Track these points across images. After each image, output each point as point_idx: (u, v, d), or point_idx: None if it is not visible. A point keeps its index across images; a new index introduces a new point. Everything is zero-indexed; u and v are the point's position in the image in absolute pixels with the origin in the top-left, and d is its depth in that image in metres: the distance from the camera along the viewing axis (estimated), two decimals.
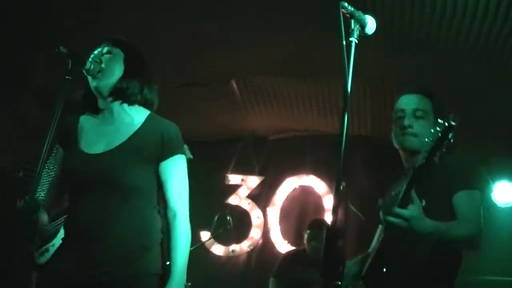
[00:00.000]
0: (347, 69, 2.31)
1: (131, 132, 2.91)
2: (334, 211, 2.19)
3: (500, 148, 6.41)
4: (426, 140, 2.97)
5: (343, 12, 2.37)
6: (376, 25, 2.47)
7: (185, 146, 3.82)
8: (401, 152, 3.23)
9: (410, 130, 3.11)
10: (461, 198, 2.93)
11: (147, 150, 2.87)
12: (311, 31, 5.26)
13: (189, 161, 3.06)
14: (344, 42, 2.35)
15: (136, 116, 2.97)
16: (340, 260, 2.17)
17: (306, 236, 6.40)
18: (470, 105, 5.72)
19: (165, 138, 2.90)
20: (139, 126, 2.94)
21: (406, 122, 3.12)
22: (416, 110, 3.15)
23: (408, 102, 3.21)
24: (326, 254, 2.13)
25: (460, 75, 5.58)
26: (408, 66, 5.54)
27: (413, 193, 2.68)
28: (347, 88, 2.31)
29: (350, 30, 2.38)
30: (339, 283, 2.12)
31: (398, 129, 3.17)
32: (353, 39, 2.37)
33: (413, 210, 2.64)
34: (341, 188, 2.22)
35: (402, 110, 3.19)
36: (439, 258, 2.89)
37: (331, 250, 2.13)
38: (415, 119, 3.13)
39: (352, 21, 2.39)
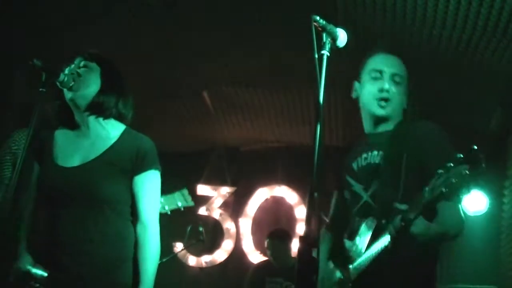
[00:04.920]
0: (319, 81, 2.33)
1: (106, 146, 2.94)
2: (307, 221, 2.21)
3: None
4: (397, 109, 2.92)
5: (315, 26, 2.39)
6: (348, 37, 2.51)
7: (185, 191, 3.94)
8: (366, 114, 3.05)
9: (387, 95, 2.92)
10: None
11: (122, 164, 2.89)
12: (283, 43, 5.30)
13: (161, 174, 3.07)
14: (316, 55, 2.35)
15: (111, 130, 2.99)
16: (314, 270, 2.18)
17: (265, 245, 6.47)
18: (444, 113, 5.80)
19: (140, 152, 2.93)
20: (115, 140, 2.96)
21: (386, 86, 2.92)
22: (395, 74, 2.96)
23: (387, 63, 2.99)
24: (299, 264, 2.15)
25: (434, 83, 5.65)
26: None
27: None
28: (319, 100, 2.34)
29: (322, 43, 2.39)
30: None
31: (374, 93, 2.95)
32: (325, 52, 2.38)
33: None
34: (314, 198, 2.23)
35: (380, 71, 2.97)
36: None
37: (305, 260, 2.15)
38: (394, 84, 2.95)
39: (324, 34, 2.41)
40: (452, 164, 2.22)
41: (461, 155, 2.19)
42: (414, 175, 2.80)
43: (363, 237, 2.83)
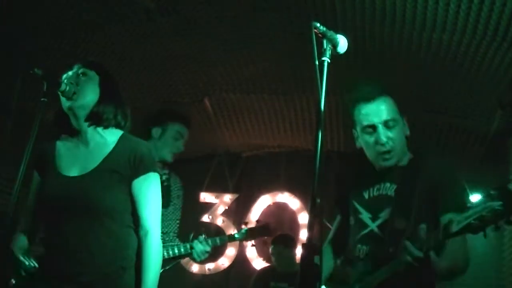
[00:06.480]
0: (320, 88, 2.33)
1: (104, 154, 2.93)
2: (310, 227, 2.20)
3: (472, 158, 6.49)
4: (401, 149, 2.93)
5: (315, 32, 2.40)
6: (348, 42, 2.51)
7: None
8: (373, 163, 3.07)
9: (387, 147, 2.94)
10: None
11: (120, 170, 2.89)
12: (283, 49, 5.30)
13: None
14: (317, 62, 2.36)
15: (109, 137, 2.99)
16: (317, 276, 2.18)
17: (270, 251, 6.46)
18: (445, 115, 5.78)
19: (137, 156, 2.92)
20: (112, 147, 2.95)
21: (383, 139, 2.93)
22: (387, 121, 2.96)
23: (374, 114, 2.97)
24: (302, 270, 2.15)
25: (435, 86, 5.64)
26: (381, 81, 5.55)
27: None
28: (320, 107, 2.34)
29: (323, 50, 2.40)
30: None
31: (373, 147, 2.97)
32: (326, 59, 2.39)
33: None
34: (316, 204, 2.23)
35: (372, 126, 2.97)
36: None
37: (308, 266, 2.14)
38: (389, 130, 2.95)
39: (324, 41, 2.42)
40: (484, 199, 2.22)
41: (495, 192, 2.19)
42: (426, 211, 2.81)
43: (366, 263, 2.85)
